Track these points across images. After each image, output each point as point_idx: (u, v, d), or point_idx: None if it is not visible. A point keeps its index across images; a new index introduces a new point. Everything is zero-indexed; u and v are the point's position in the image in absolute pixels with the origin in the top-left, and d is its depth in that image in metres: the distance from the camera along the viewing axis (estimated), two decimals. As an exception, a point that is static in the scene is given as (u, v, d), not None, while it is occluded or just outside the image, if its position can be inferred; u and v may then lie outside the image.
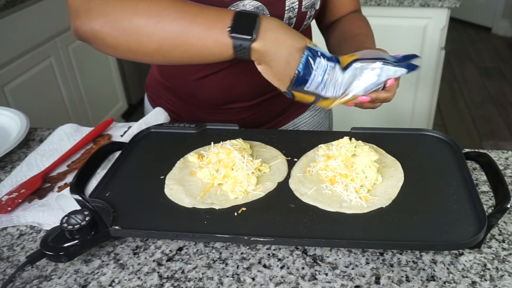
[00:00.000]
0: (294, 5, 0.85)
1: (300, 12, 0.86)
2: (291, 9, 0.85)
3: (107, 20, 0.66)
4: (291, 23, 0.87)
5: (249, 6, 0.82)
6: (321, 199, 0.67)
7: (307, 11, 0.87)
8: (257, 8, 0.83)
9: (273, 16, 0.81)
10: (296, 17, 0.86)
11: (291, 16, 0.86)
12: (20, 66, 1.88)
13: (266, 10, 0.84)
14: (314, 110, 1.08)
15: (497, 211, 0.61)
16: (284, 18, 0.85)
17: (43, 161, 0.85)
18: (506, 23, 4.03)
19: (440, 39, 1.75)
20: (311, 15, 0.89)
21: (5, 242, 0.68)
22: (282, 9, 0.84)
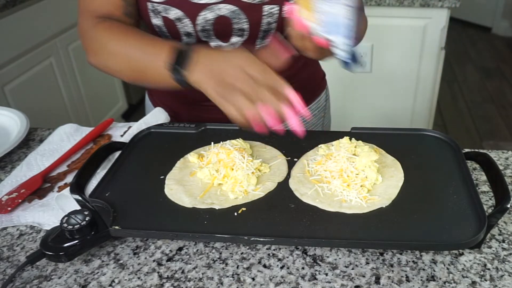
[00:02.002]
0: (273, 10, 0.83)
1: (281, 19, 0.84)
2: (270, 15, 0.84)
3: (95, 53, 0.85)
4: (271, 28, 0.85)
5: (225, 10, 0.82)
6: (321, 199, 0.67)
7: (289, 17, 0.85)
8: (233, 12, 0.83)
9: (251, 21, 0.83)
10: (276, 23, 0.85)
11: (271, 21, 0.84)
12: (20, 66, 1.88)
13: (242, 14, 0.83)
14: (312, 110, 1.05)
15: (497, 211, 0.61)
16: (262, 23, 0.84)
17: (43, 161, 0.85)
18: (506, 23, 4.03)
19: (440, 39, 1.75)
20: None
21: (5, 242, 0.68)
22: (259, 14, 0.83)
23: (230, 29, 0.85)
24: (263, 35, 0.87)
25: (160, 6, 0.83)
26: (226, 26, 0.84)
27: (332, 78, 1.90)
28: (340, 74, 1.89)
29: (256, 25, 0.85)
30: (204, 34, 0.86)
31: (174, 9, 0.83)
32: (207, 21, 0.84)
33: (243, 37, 0.86)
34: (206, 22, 0.84)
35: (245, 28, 0.85)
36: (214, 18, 0.83)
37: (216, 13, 0.83)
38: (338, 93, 1.94)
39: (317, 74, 1.07)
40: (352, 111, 1.98)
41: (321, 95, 1.07)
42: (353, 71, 0.69)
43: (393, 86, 1.89)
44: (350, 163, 0.70)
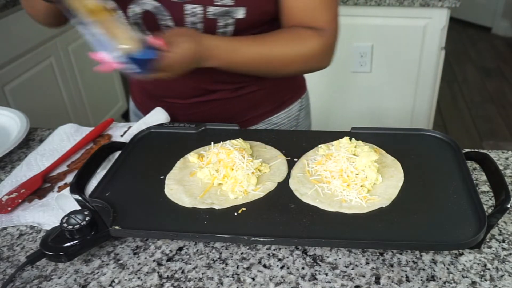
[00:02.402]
0: (196, 10, 0.83)
1: (207, 19, 0.84)
2: (193, 14, 0.83)
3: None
4: (197, 28, 0.85)
5: (149, 5, 0.84)
6: (321, 199, 0.67)
7: (217, 18, 0.84)
8: (156, 8, 0.84)
9: (174, 19, 0.85)
10: (202, 24, 0.84)
11: (195, 21, 0.84)
12: (20, 66, 1.88)
13: (165, 11, 0.84)
14: (270, 124, 1.02)
15: (497, 211, 0.61)
16: (186, 23, 0.84)
17: (43, 161, 0.85)
18: (506, 23, 4.03)
19: (440, 39, 1.75)
20: (227, 23, 0.84)
21: (5, 242, 0.68)
22: (181, 13, 0.84)
23: (158, 25, 0.87)
24: None
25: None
26: (153, 22, 0.86)
27: (332, 78, 1.91)
28: (340, 74, 1.90)
29: (180, 23, 0.85)
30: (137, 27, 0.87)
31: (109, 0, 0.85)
32: (136, 15, 0.86)
33: None
34: (135, 15, 0.86)
35: (170, 25, 0.86)
36: (141, 12, 0.86)
37: (142, 7, 0.85)
38: (338, 93, 1.95)
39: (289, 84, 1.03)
40: (352, 111, 1.98)
41: (293, 105, 1.04)
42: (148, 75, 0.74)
43: (393, 86, 1.89)
44: (350, 163, 0.70)
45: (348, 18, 1.77)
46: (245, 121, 1.00)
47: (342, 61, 1.85)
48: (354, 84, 1.91)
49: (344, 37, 1.81)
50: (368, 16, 1.76)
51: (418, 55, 1.79)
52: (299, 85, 1.08)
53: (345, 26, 1.79)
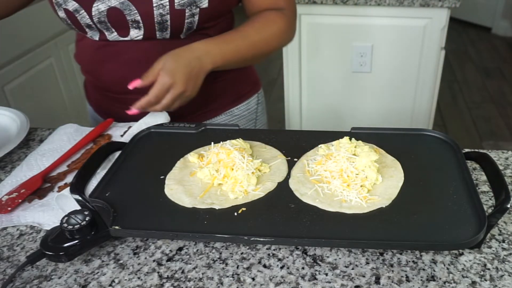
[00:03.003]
0: (163, 2, 0.84)
1: (174, 10, 0.85)
2: (161, 6, 0.84)
3: None
4: (165, 20, 0.87)
5: (114, 1, 0.85)
6: (321, 199, 0.67)
7: (184, 9, 0.86)
8: (123, 3, 0.85)
9: (142, 12, 0.86)
10: (169, 15, 0.86)
11: (163, 13, 0.85)
12: (20, 66, 1.88)
13: (132, 6, 0.85)
14: (231, 115, 1.07)
15: (497, 211, 0.61)
16: (154, 15, 0.85)
17: (43, 161, 0.85)
18: (506, 23, 4.03)
19: (440, 39, 1.75)
20: (193, 13, 0.87)
21: (5, 242, 0.68)
22: (150, 6, 0.85)
23: (125, 21, 0.87)
24: (160, 27, 0.88)
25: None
26: (120, 18, 0.87)
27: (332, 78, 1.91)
28: (340, 74, 1.90)
29: (149, 17, 0.86)
30: (102, 26, 0.89)
31: (71, 0, 0.87)
32: (101, 13, 0.87)
33: (140, 29, 0.88)
34: (100, 13, 0.87)
35: (138, 20, 0.87)
36: (106, 9, 0.86)
37: (107, 4, 0.86)
38: (338, 93, 1.94)
39: (246, 79, 1.10)
40: (352, 111, 1.98)
41: (251, 98, 1.11)
42: None
43: (393, 86, 1.89)
44: (350, 163, 0.70)
45: (348, 18, 1.77)
46: (208, 112, 1.04)
47: (342, 61, 1.85)
48: (354, 84, 1.91)
49: (344, 37, 1.82)
50: (368, 16, 1.75)
51: (418, 55, 1.79)
52: (255, 80, 1.14)
53: (345, 26, 1.81)
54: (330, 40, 1.82)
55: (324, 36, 1.81)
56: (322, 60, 1.87)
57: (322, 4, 1.73)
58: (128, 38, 0.91)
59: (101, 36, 0.92)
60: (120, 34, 0.90)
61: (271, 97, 3.20)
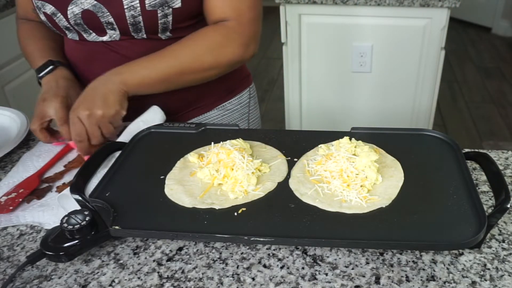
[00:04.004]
0: (134, 3, 0.84)
1: (146, 11, 0.85)
2: (132, 8, 0.85)
3: (20, 46, 1.09)
4: (137, 21, 0.86)
5: (87, 3, 0.86)
6: (321, 199, 0.67)
7: (156, 10, 0.85)
8: (95, 6, 0.86)
9: (114, 14, 0.86)
10: (141, 16, 0.86)
11: (134, 14, 0.85)
12: (20, 66, 1.88)
13: (103, 8, 0.86)
14: (224, 110, 1.08)
15: (497, 211, 0.61)
16: (126, 17, 0.86)
17: (39, 162, 0.85)
18: (506, 23, 4.03)
19: (440, 39, 1.75)
20: (166, 13, 0.86)
21: (5, 242, 0.68)
22: (121, 8, 0.85)
23: (100, 23, 0.88)
24: (134, 29, 0.88)
25: (38, 2, 0.90)
26: (94, 20, 0.88)
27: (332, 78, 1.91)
28: (340, 74, 1.90)
29: (121, 18, 0.86)
30: (79, 28, 0.90)
31: (48, 4, 0.89)
32: (76, 15, 0.88)
33: (116, 30, 0.89)
34: (75, 16, 0.88)
35: (112, 21, 0.87)
36: (80, 12, 0.87)
37: (81, 7, 0.87)
38: (338, 93, 1.94)
39: (237, 73, 1.09)
40: (352, 111, 1.98)
41: (243, 92, 1.11)
42: None
43: (393, 86, 1.89)
44: (350, 163, 0.70)
45: (348, 18, 1.77)
46: (200, 108, 1.04)
47: (342, 61, 1.85)
48: (354, 84, 1.91)
49: (344, 37, 1.82)
50: (368, 16, 1.75)
51: (418, 55, 1.79)
52: (246, 74, 1.14)
53: (345, 26, 1.80)
54: (330, 40, 1.82)
55: (324, 36, 1.81)
56: (322, 60, 1.87)
57: (322, 4, 1.73)
58: (106, 38, 0.91)
59: (80, 37, 0.93)
60: (98, 35, 0.91)
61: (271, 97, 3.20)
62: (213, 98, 1.06)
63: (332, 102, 1.97)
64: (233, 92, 1.09)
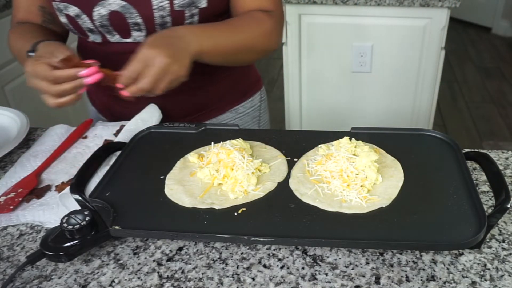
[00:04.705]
0: (163, 4, 0.84)
1: (174, 11, 0.85)
2: (161, 8, 0.84)
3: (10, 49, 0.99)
4: (166, 22, 0.86)
5: (115, 5, 0.85)
6: (321, 199, 0.67)
7: (183, 10, 0.86)
8: (123, 7, 0.85)
9: (143, 15, 0.85)
10: (170, 16, 0.86)
11: (163, 15, 0.85)
12: (20, 66, 1.87)
13: (132, 9, 0.85)
14: (236, 113, 1.08)
15: (497, 211, 0.61)
16: (155, 17, 0.85)
17: (36, 162, 0.85)
18: (506, 23, 4.03)
19: (440, 39, 1.75)
20: (193, 13, 0.87)
21: (5, 242, 0.68)
22: (149, 8, 0.84)
23: (126, 24, 0.87)
24: (161, 29, 0.88)
25: (60, 4, 0.87)
26: (121, 21, 0.87)
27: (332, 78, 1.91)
28: (340, 74, 1.90)
29: (149, 19, 0.86)
30: (104, 29, 0.89)
31: (72, 6, 0.87)
32: (102, 17, 0.87)
33: (142, 31, 0.88)
34: (101, 17, 0.87)
35: (139, 22, 0.87)
36: (107, 13, 0.86)
37: (108, 8, 0.86)
38: (338, 93, 1.94)
39: (247, 76, 1.10)
40: (352, 111, 1.98)
41: (255, 95, 1.12)
42: None
43: (393, 86, 1.89)
44: (350, 163, 0.70)
45: (348, 18, 1.77)
46: (213, 111, 1.04)
47: (342, 61, 1.85)
48: (354, 84, 1.91)
49: (344, 37, 1.82)
50: (368, 16, 1.75)
51: (418, 55, 1.79)
52: (257, 78, 1.14)
53: (345, 26, 1.80)
54: (330, 40, 1.82)
55: (324, 36, 1.81)
56: (322, 60, 1.87)
57: (322, 4, 1.73)
58: (130, 40, 0.91)
59: (103, 39, 0.92)
60: (122, 37, 0.90)
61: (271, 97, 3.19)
62: (226, 101, 1.06)
63: (332, 102, 1.97)
64: (246, 95, 1.09)
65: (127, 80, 0.75)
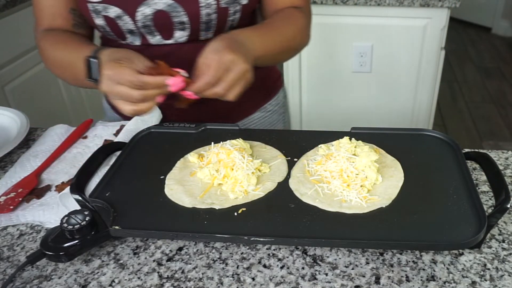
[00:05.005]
0: (210, 1, 0.83)
1: (220, 8, 0.85)
2: (208, 6, 0.84)
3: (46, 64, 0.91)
4: (211, 19, 0.86)
5: (161, 4, 0.83)
6: (321, 199, 0.67)
7: (228, 6, 0.85)
8: (170, 5, 0.83)
9: (189, 13, 0.84)
10: (216, 14, 0.85)
11: (209, 12, 0.85)
12: (20, 66, 1.88)
13: (179, 7, 0.83)
14: (265, 111, 1.07)
15: (497, 211, 0.61)
16: (201, 15, 0.84)
17: (37, 162, 0.85)
18: (506, 23, 4.03)
19: (440, 39, 1.75)
20: (236, 10, 0.87)
21: (5, 242, 0.68)
22: (197, 6, 0.83)
23: (171, 23, 0.86)
24: (205, 27, 0.87)
25: (99, 6, 0.84)
26: (166, 20, 0.85)
27: (332, 78, 1.91)
28: (340, 74, 1.90)
29: (195, 17, 0.85)
30: (146, 30, 0.87)
31: (113, 7, 0.84)
32: (146, 17, 0.85)
33: (185, 30, 0.87)
34: (145, 17, 0.85)
35: (185, 21, 0.85)
36: (152, 13, 0.84)
37: (153, 7, 0.84)
38: (338, 93, 1.94)
39: (272, 74, 1.10)
40: (352, 111, 1.98)
41: (279, 92, 1.11)
42: None
43: (393, 86, 1.89)
44: (350, 163, 0.70)
45: (348, 18, 1.77)
46: (243, 111, 1.04)
47: (342, 61, 1.85)
48: (354, 84, 1.91)
49: (344, 37, 1.82)
50: (368, 16, 1.75)
51: (418, 55, 1.79)
52: (278, 74, 1.13)
53: (345, 26, 1.80)
54: (330, 40, 1.82)
55: (324, 36, 1.81)
56: (322, 60, 1.87)
57: (322, 4, 1.73)
58: (171, 41, 0.89)
59: (142, 40, 0.89)
60: (163, 37, 0.88)
61: (271, 97, 3.19)
62: (255, 100, 1.05)
63: (332, 102, 1.97)
64: (271, 93, 1.08)
65: (206, 87, 0.72)
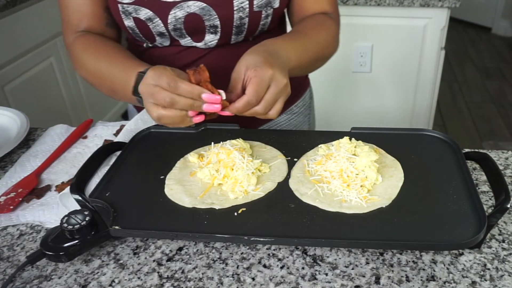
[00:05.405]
0: (243, 4, 0.83)
1: (253, 12, 0.84)
2: (241, 9, 0.83)
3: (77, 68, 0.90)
4: (243, 23, 0.85)
5: (194, 7, 0.82)
6: (321, 199, 0.67)
7: (261, 10, 0.85)
8: (203, 9, 0.82)
9: (222, 17, 0.83)
10: (248, 17, 0.85)
11: (242, 16, 0.84)
12: (20, 66, 1.88)
13: (212, 11, 0.82)
14: (291, 114, 1.05)
15: (497, 211, 0.61)
16: (234, 19, 0.84)
17: (36, 162, 0.85)
18: (506, 23, 4.03)
19: (440, 39, 1.75)
20: (268, 14, 0.86)
21: (5, 242, 0.68)
22: (231, 10, 0.83)
23: (202, 27, 0.85)
24: (237, 31, 0.86)
25: (130, 7, 0.83)
26: (198, 24, 0.84)
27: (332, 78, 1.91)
28: (340, 74, 1.90)
29: (228, 21, 0.84)
30: (176, 33, 0.86)
31: (144, 9, 0.83)
32: (178, 20, 0.84)
33: (217, 34, 0.86)
34: (176, 20, 0.84)
35: (217, 24, 0.84)
36: (184, 16, 0.83)
37: (186, 10, 0.83)
38: (338, 93, 1.95)
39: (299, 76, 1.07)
40: (352, 111, 1.98)
41: (305, 93, 1.09)
42: None
43: (393, 86, 1.89)
44: (350, 163, 0.70)
45: (348, 18, 1.76)
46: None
47: (342, 61, 1.85)
48: (354, 84, 1.91)
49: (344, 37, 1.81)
50: (368, 16, 1.75)
51: (418, 55, 1.79)
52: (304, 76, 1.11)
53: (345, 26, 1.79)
54: (330, 40, 1.82)
55: (324, 36, 1.81)
56: (322, 60, 1.87)
57: (322, 4, 1.73)
58: (201, 44, 0.88)
59: (172, 43, 0.89)
60: (194, 40, 0.87)
61: (271, 97, 3.19)
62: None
63: (332, 102, 1.97)
64: (298, 95, 1.06)
65: (246, 108, 0.70)
